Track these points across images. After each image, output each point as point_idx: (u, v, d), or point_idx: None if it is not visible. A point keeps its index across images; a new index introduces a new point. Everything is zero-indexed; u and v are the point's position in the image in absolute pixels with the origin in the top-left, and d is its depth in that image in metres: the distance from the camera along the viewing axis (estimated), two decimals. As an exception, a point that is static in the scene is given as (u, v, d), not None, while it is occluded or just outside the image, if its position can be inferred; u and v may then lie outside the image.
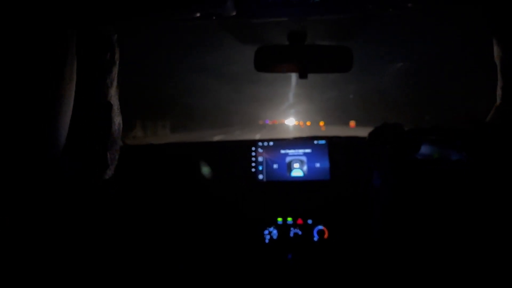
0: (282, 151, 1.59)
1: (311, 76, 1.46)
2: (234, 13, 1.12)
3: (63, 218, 0.44)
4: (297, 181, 1.56)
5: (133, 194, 1.50)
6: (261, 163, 1.58)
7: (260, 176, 1.57)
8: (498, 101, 0.95)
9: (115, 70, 0.58)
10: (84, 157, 0.50)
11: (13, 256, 0.36)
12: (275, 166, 1.58)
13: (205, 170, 1.57)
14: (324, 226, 1.48)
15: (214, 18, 1.17)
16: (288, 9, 1.17)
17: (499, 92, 0.94)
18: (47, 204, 0.41)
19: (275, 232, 1.49)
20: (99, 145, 0.53)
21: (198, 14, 1.15)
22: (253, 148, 1.61)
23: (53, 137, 0.36)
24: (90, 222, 0.48)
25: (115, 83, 0.58)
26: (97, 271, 0.43)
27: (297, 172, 1.56)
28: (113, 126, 0.57)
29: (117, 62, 0.59)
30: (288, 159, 1.58)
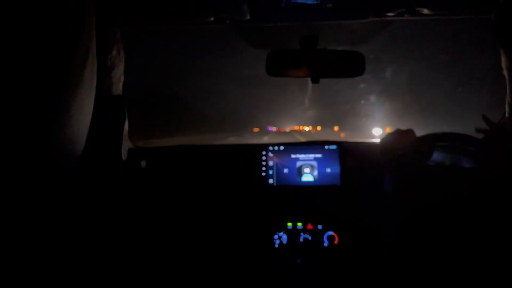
0: (293, 156, 1.59)
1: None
2: (248, 18, 1.13)
3: (66, 217, 0.45)
4: (308, 186, 1.55)
5: (142, 197, 1.51)
6: (271, 167, 1.58)
7: (270, 181, 1.57)
8: (507, 114, 0.94)
9: (122, 65, 0.59)
10: (97, 153, 0.50)
11: (13, 255, 0.37)
12: (286, 170, 1.58)
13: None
14: (334, 231, 1.47)
15: (228, 22, 1.19)
16: (301, 14, 1.17)
17: (507, 109, 0.93)
18: (54, 202, 0.42)
19: (284, 237, 1.48)
20: (114, 140, 0.54)
21: (212, 19, 1.16)
22: (264, 152, 1.61)
23: (75, 135, 0.36)
24: (91, 222, 0.48)
25: (122, 78, 0.59)
26: (98, 271, 0.43)
27: (308, 177, 1.56)
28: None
29: (123, 58, 0.60)
30: (298, 163, 1.58)
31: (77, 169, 0.40)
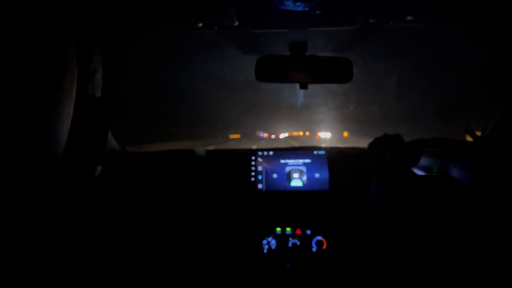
0: (282, 161, 1.60)
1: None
2: (236, 23, 1.14)
3: (59, 216, 0.45)
4: (297, 191, 1.56)
5: (131, 202, 1.49)
6: (260, 173, 1.58)
7: (260, 186, 1.57)
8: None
9: (101, 70, 0.60)
10: (83, 152, 0.50)
11: (11, 253, 0.36)
12: (275, 175, 1.58)
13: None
14: (322, 236, 1.48)
15: (216, 28, 1.19)
16: (290, 20, 1.18)
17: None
18: (46, 201, 0.42)
19: (273, 242, 1.48)
20: (99, 140, 0.54)
21: (200, 24, 1.16)
22: (253, 158, 1.61)
23: (55, 136, 0.36)
24: (71, 219, 0.48)
25: (101, 82, 0.60)
26: (88, 271, 0.43)
27: (297, 182, 1.56)
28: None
29: (101, 62, 0.61)
30: (287, 169, 1.58)
31: (58, 169, 0.40)
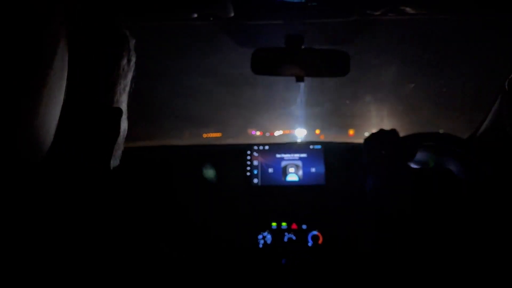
0: (278, 155, 1.58)
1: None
2: (232, 15, 1.11)
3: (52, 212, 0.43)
4: (292, 186, 1.54)
5: (125, 197, 1.48)
6: (256, 167, 1.57)
7: (255, 180, 1.55)
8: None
9: (130, 75, 0.55)
10: (84, 160, 0.48)
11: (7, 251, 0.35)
12: (270, 170, 1.57)
13: (209, 173, 1.55)
14: (318, 231, 1.47)
15: (211, 19, 1.17)
16: (286, 11, 1.17)
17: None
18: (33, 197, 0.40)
19: (269, 237, 1.47)
20: (104, 150, 0.51)
21: (195, 15, 1.14)
22: (249, 152, 1.59)
23: (38, 135, 0.34)
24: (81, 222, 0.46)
25: (127, 89, 0.56)
26: (85, 270, 0.41)
27: (292, 176, 1.55)
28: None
29: (133, 68, 0.56)
30: (283, 163, 1.57)
31: (43, 170, 0.38)
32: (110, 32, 0.49)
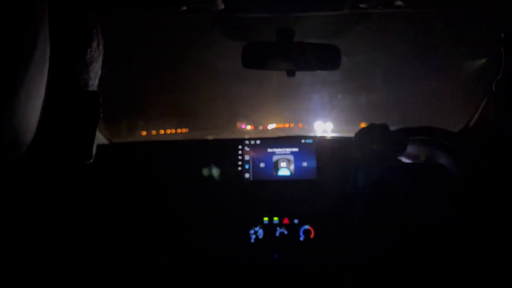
0: (269, 150, 1.58)
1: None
2: (222, 8, 1.10)
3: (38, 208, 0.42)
4: (284, 180, 1.54)
5: (116, 192, 1.46)
6: (247, 162, 1.56)
7: (247, 175, 1.55)
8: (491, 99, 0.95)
9: (101, 59, 0.55)
10: (66, 147, 0.47)
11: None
12: (262, 165, 1.56)
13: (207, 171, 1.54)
14: (310, 225, 1.47)
15: (201, 12, 1.15)
16: (277, 4, 1.15)
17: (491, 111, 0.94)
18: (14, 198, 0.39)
19: (261, 232, 1.47)
20: (86, 135, 0.50)
21: (184, 8, 1.12)
22: (240, 147, 1.58)
23: (19, 127, 0.32)
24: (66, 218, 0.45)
25: (99, 73, 0.56)
26: (75, 268, 0.40)
27: (284, 171, 1.55)
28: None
29: (102, 52, 0.56)
30: (275, 158, 1.57)
31: (26, 161, 0.37)
32: (78, 14, 0.48)
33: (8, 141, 0.31)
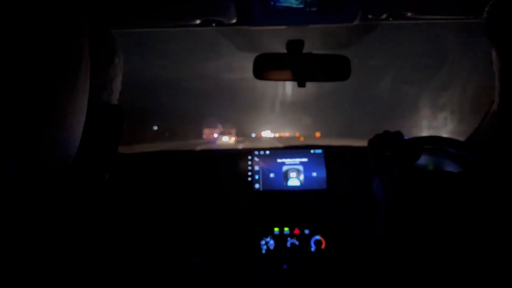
0: (279, 160, 1.58)
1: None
2: (234, 21, 1.12)
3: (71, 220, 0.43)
4: (294, 191, 1.54)
5: (124, 204, 1.47)
6: (257, 172, 1.57)
7: (257, 186, 1.55)
8: (495, 107, 0.95)
9: (121, 74, 0.57)
10: (90, 161, 0.49)
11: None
12: (272, 175, 1.56)
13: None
14: (321, 236, 1.47)
15: (214, 25, 1.17)
16: (287, 17, 1.17)
17: (496, 99, 0.94)
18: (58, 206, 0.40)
19: (272, 242, 1.47)
20: (110, 148, 0.52)
21: (198, 21, 1.15)
22: (249, 157, 1.59)
23: (69, 139, 0.34)
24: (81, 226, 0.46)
25: (120, 87, 0.57)
26: (87, 274, 0.42)
27: (294, 181, 1.55)
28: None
29: (123, 66, 0.58)
30: (284, 168, 1.57)
31: (70, 175, 0.38)
32: (105, 31, 0.50)
33: (60, 152, 0.32)
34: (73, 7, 0.31)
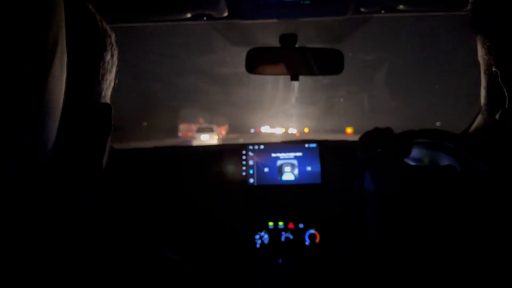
0: (273, 155, 1.58)
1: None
2: (226, 14, 1.11)
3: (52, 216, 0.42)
4: (288, 185, 1.54)
5: (120, 200, 1.47)
6: (251, 167, 1.57)
7: (251, 180, 1.55)
8: (482, 101, 0.95)
9: (114, 70, 0.55)
10: (77, 159, 0.47)
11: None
12: (266, 169, 1.56)
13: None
14: (315, 230, 1.47)
15: (205, 19, 1.16)
16: (279, 10, 1.16)
17: (482, 92, 0.94)
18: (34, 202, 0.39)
19: (266, 237, 1.47)
20: (96, 148, 0.50)
21: (189, 15, 1.13)
22: (244, 152, 1.59)
23: (40, 137, 0.33)
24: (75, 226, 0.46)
25: (112, 84, 0.56)
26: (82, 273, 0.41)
27: (288, 175, 1.55)
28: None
29: (116, 63, 0.56)
30: (279, 162, 1.57)
31: (45, 170, 0.37)
32: (93, 25, 0.49)
33: (31, 147, 0.31)
34: None
